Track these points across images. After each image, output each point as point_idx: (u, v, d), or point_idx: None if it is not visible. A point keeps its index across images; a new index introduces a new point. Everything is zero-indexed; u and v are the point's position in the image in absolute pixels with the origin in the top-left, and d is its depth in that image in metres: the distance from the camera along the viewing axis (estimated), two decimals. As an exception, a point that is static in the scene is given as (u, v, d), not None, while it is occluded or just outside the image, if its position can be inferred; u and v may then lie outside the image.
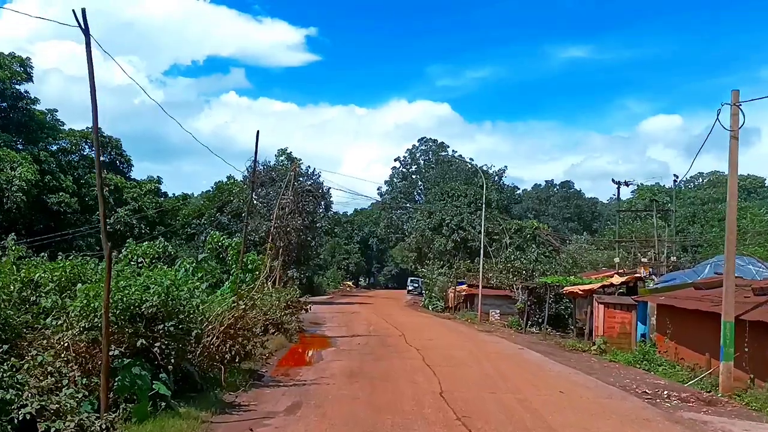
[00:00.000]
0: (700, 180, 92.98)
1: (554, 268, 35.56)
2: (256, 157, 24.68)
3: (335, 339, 22.72)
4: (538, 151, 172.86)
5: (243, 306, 12.10)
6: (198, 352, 11.01)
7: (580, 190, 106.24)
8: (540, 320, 32.05)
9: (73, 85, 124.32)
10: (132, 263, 18.96)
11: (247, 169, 24.21)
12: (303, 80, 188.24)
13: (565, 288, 29.27)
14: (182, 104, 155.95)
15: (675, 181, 37.79)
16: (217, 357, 11.48)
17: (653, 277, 30.16)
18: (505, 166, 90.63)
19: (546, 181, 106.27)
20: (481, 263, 35.22)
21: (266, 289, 12.59)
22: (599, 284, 27.16)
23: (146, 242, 20.23)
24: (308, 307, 27.84)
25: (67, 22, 7.49)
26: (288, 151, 48.56)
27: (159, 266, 18.26)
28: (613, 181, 36.81)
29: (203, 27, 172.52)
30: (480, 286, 34.78)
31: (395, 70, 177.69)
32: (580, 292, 27.29)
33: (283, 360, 16.74)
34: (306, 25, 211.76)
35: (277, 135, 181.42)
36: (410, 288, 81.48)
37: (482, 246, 35.66)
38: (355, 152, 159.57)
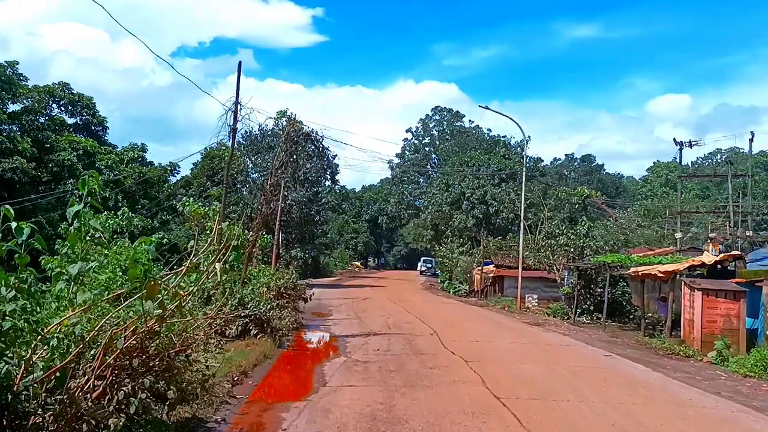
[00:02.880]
0: (719, 156, 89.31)
1: (609, 245, 29.35)
2: (238, 94, 18.69)
3: (344, 340, 16.47)
4: (546, 130, 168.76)
5: (159, 311, 5.95)
6: (47, 415, 4.97)
7: (603, 165, 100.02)
8: (591, 307, 26.50)
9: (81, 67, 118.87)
10: (87, 239, 13.51)
11: (227, 110, 18.10)
12: (310, 61, 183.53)
13: (634, 269, 23.34)
14: (190, 85, 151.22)
15: (751, 139, 31.20)
16: (95, 418, 5.39)
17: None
18: (529, 137, 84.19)
19: (566, 155, 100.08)
20: (521, 239, 28.99)
21: (205, 274, 6.31)
22: (686, 263, 21.12)
23: (105, 213, 14.32)
24: (310, 294, 21.81)
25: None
26: (288, 113, 41.99)
27: (121, 242, 13.20)
28: (674, 141, 30.49)
29: (210, 8, 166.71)
30: (520, 267, 28.57)
31: (401, 49, 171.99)
32: (660, 274, 21.25)
33: (262, 385, 10.46)
34: (312, 6, 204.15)
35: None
36: (423, 269, 76.66)
37: (522, 219, 29.40)
38: (363, 134, 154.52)
